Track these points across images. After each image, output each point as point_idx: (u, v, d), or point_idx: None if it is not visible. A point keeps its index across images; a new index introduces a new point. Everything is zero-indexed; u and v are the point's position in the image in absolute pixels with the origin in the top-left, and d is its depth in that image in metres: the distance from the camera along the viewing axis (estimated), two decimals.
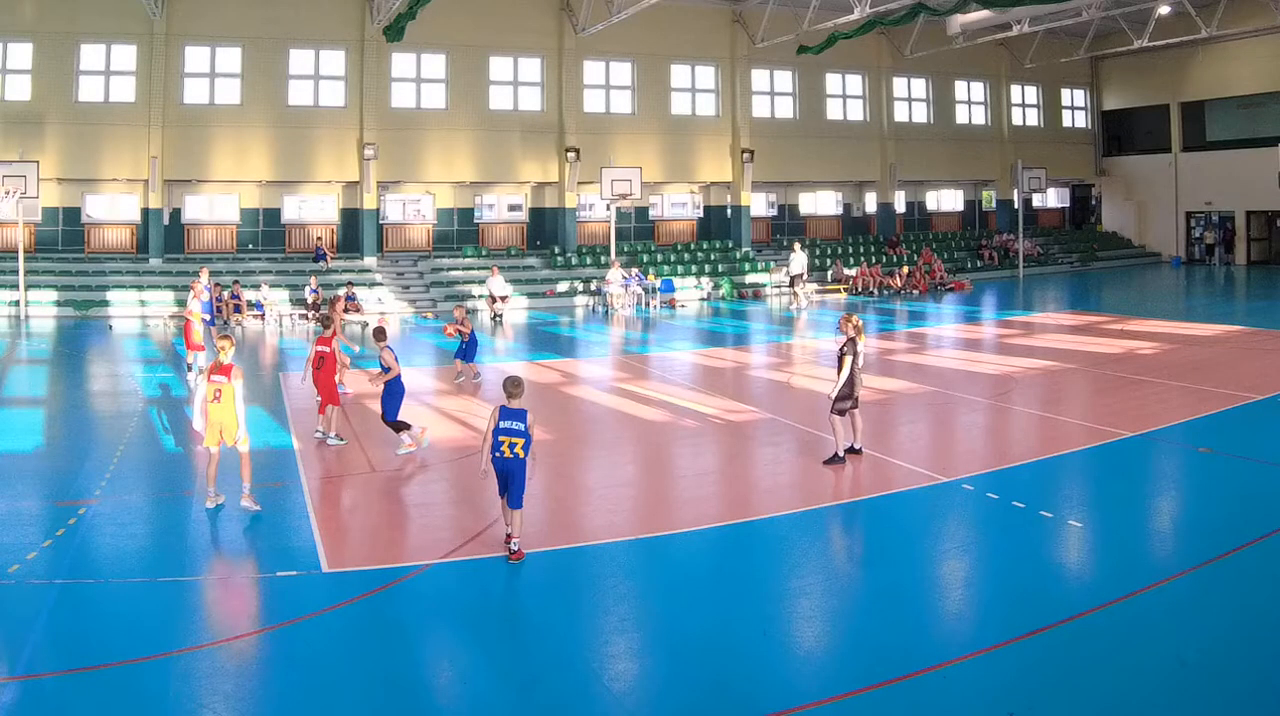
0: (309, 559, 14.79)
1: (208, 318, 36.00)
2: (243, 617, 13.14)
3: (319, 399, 22.55)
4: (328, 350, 21.91)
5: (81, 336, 40.42)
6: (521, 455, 14.87)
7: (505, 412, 15.00)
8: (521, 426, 14.91)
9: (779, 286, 58.71)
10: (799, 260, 53.25)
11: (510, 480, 14.89)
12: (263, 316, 47.64)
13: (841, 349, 19.71)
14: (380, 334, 22.18)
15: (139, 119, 51.62)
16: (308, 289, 48.25)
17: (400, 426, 21.39)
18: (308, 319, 46.80)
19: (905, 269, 59.76)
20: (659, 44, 60.13)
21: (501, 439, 14.85)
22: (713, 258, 61.62)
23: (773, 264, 60.89)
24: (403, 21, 48.90)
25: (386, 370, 21.25)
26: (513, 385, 15.30)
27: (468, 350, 29.53)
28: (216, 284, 46.60)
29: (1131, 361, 32.17)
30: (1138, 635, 12.14)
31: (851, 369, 19.53)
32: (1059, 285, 61.42)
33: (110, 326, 44.62)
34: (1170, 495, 18.93)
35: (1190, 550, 15.30)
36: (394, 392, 21.54)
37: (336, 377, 22.28)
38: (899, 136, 67.65)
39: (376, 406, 22.34)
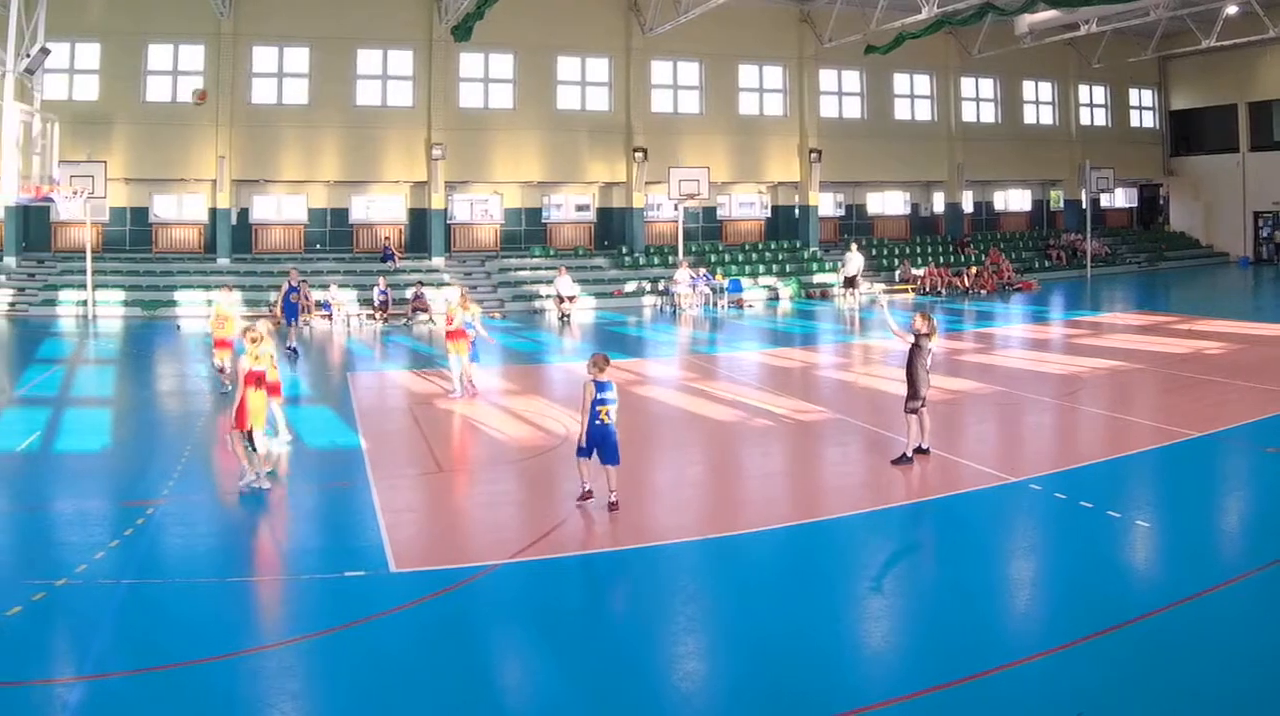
0: (376, 559, 14.32)
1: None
2: (310, 618, 12.63)
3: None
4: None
5: (149, 336, 38.74)
6: (614, 421, 16.54)
7: (600, 386, 16.55)
8: (614, 395, 16.70)
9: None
10: (855, 261, 50.68)
11: (606, 442, 16.42)
12: (330, 316, 45.34)
13: (916, 342, 19.12)
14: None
15: (206, 119, 49.69)
16: (376, 290, 46.11)
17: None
18: (375, 319, 45.05)
19: (973, 269, 57.00)
20: (726, 44, 57.19)
21: (599, 408, 16.41)
22: (780, 258, 58.92)
23: (839, 264, 57.49)
24: (471, 21, 47.21)
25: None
26: (604, 361, 16.98)
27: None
28: (285, 284, 44.11)
29: (1199, 361, 31.13)
30: (1206, 635, 11.69)
31: (919, 367, 18.96)
32: (1126, 285, 58.98)
33: (178, 327, 43.08)
34: (1238, 495, 18.45)
35: (1258, 550, 14.71)
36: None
37: None
38: (967, 136, 64.30)
39: (452, 406, 23.62)
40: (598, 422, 16.42)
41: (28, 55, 34.68)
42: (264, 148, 51.07)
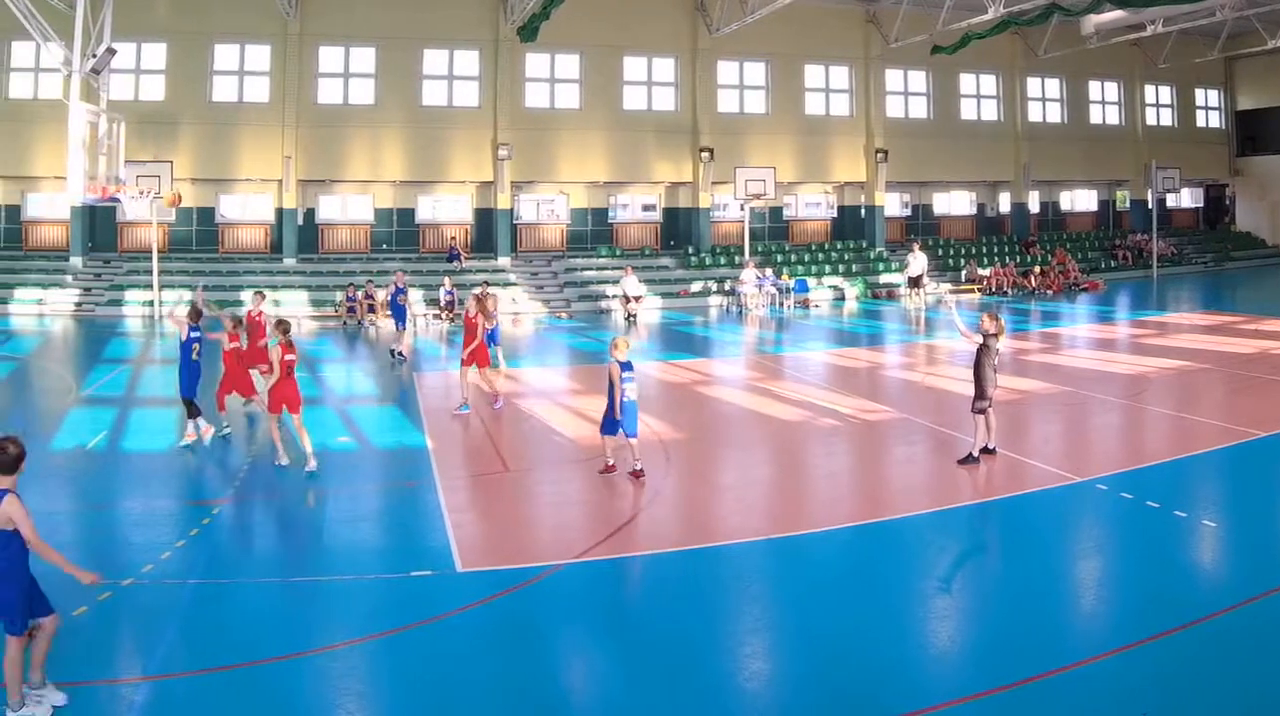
0: (443, 558, 13.94)
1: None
2: (376, 618, 12.13)
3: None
4: (294, 359, 19.01)
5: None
6: (635, 397, 17.51)
7: (624, 366, 17.37)
8: (632, 373, 17.57)
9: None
10: (919, 261, 48.21)
11: (629, 416, 17.28)
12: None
13: (984, 343, 18.41)
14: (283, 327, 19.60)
15: (273, 119, 48.15)
16: (442, 289, 43.86)
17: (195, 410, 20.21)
18: (441, 319, 43.09)
19: (1039, 269, 54.48)
20: (793, 44, 54.54)
21: (627, 387, 17.24)
22: (846, 258, 56.14)
23: (904, 264, 54.73)
24: (536, 22, 45.40)
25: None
26: (625, 343, 17.80)
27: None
28: (350, 285, 43.45)
29: (1265, 361, 30.06)
30: (1272, 635, 11.29)
31: (987, 368, 18.31)
32: (1193, 285, 56.16)
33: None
34: None
35: None
36: (194, 370, 20.41)
37: None
38: (1033, 136, 61.08)
39: (506, 406, 23.42)
40: (625, 399, 17.23)
41: (94, 55, 33.52)
42: (330, 148, 49.33)
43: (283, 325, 19.25)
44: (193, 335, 20.29)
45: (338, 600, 12.79)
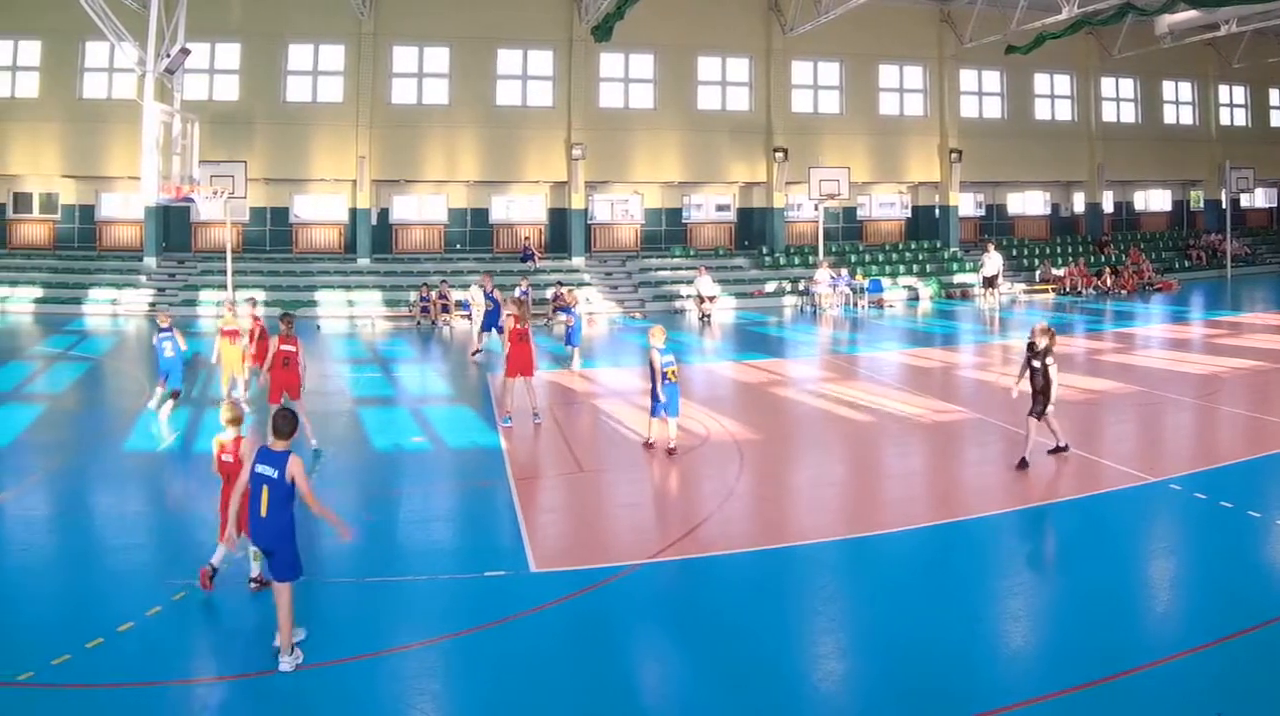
0: (517, 559, 13.56)
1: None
2: (450, 618, 11.74)
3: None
4: (292, 350, 19.14)
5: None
6: (678, 379, 18.53)
7: (663, 351, 18.21)
8: (672, 357, 18.40)
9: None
10: (993, 261, 45.62)
11: (673, 397, 18.25)
12: (469, 316, 40.24)
13: (1044, 362, 17.74)
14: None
15: (347, 119, 46.00)
16: (518, 290, 40.41)
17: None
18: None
19: (1113, 269, 51.40)
20: (867, 44, 51.45)
21: (667, 370, 18.11)
22: (920, 258, 52.96)
23: (978, 264, 51.71)
24: (611, 22, 43.59)
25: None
26: (663, 332, 18.65)
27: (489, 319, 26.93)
28: (424, 285, 41.30)
29: None
30: None
31: (1047, 374, 17.71)
32: (1267, 285, 53.18)
33: (318, 327, 39.56)
34: None
35: None
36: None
37: None
38: (1107, 136, 57.40)
39: (581, 406, 23.51)
40: (668, 381, 18.10)
41: (168, 55, 31.39)
42: (404, 148, 47.07)
43: (286, 318, 19.53)
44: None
45: (412, 600, 12.36)
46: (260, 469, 10.55)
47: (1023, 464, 17.42)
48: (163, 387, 21.75)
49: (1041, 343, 17.59)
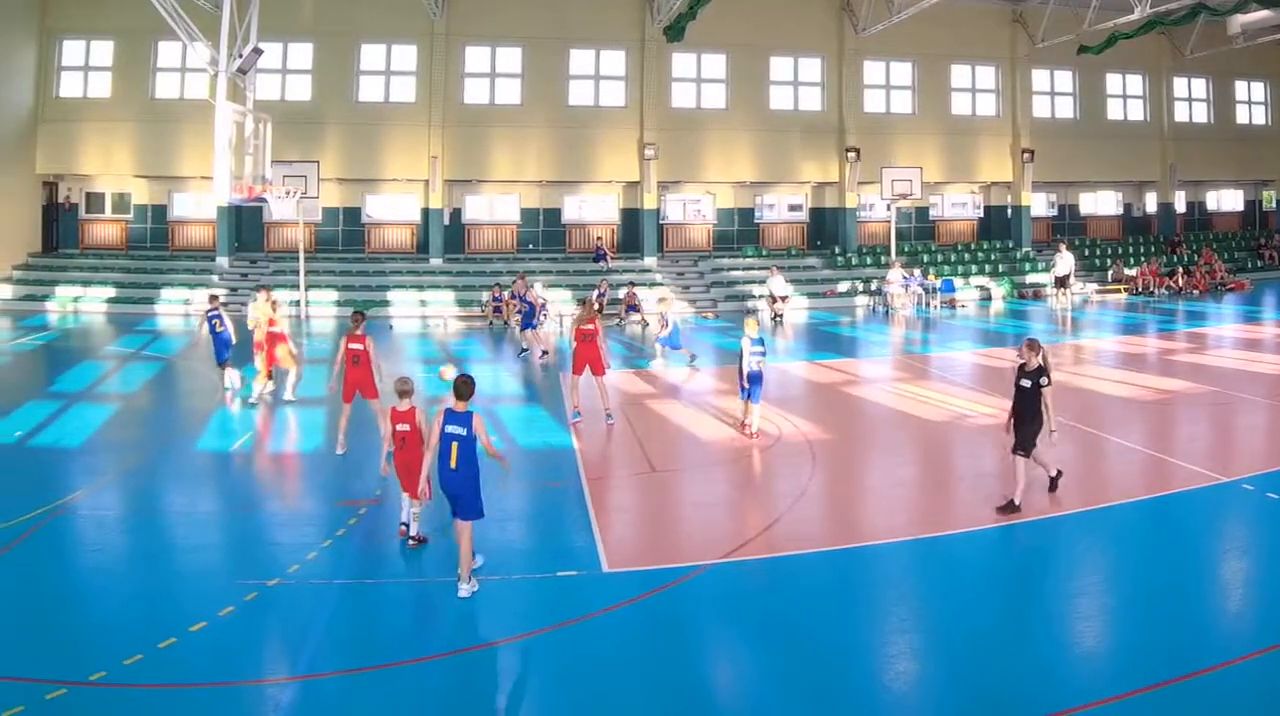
0: (589, 559, 12.92)
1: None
2: (523, 617, 11.22)
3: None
4: (360, 348, 18.53)
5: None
6: (764, 367, 18.94)
7: (754, 342, 18.65)
8: (762, 348, 18.92)
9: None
10: (1066, 261, 42.95)
11: (757, 384, 18.73)
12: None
13: (1036, 382, 14.89)
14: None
15: (419, 119, 43.76)
16: (594, 293, 39.12)
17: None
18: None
19: (1185, 269, 48.57)
20: (939, 44, 48.52)
21: (754, 359, 18.55)
22: (993, 258, 49.94)
23: (1051, 264, 48.83)
24: (683, 21, 40.93)
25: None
26: (756, 323, 19.41)
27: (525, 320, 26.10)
28: (496, 285, 39.46)
29: None
30: None
31: (1038, 398, 14.97)
32: None
33: (391, 326, 37.55)
34: None
35: None
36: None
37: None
38: (1179, 136, 54.05)
39: (658, 407, 22.64)
40: (754, 368, 18.42)
41: (240, 55, 30.72)
42: (476, 148, 44.81)
43: (357, 315, 19.29)
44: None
45: (484, 600, 11.77)
46: (449, 428, 11.71)
47: (1010, 507, 14.76)
48: (230, 367, 22.82)
49: (1033, 361, 14.99)
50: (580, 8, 45.18)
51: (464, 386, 11.90)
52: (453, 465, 11.69)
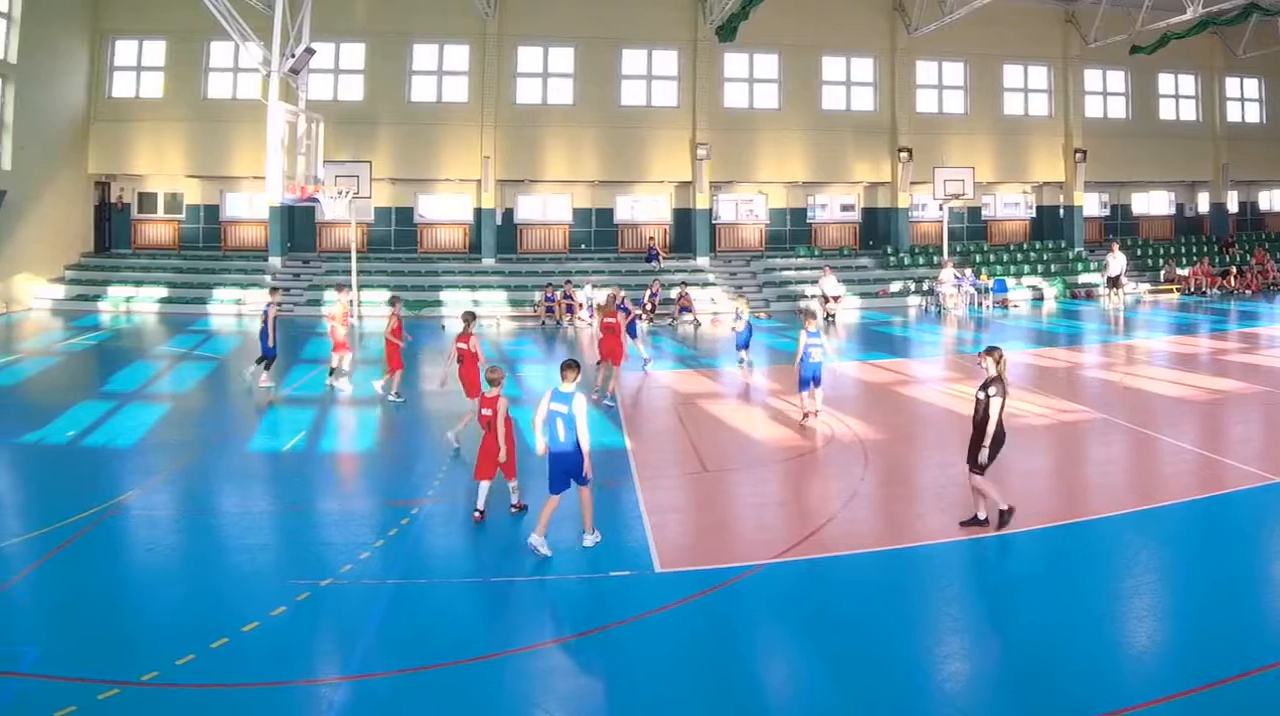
0: (642, 559, 12.36)
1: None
2: (575, 618, 10.88)
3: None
4: (466, 347, 18.96)
5: (414, 337, 31.63)
6: (821, 358, 19.13)
7: (810, 334, 19.01)
8: (819, 339, 19.26)
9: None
10: (1118, 261, 41.53)
11: (817, 373, 19.05)
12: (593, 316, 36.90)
13: (986, 393, 13.12)
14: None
15: (472, 119, 42.25)
16: (647, 293, 37.92)
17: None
18: (642, 319, 36.02)
19: (1237, 269, 46.71)
20: (991, 44, 46.66)
21: (811, 350, 18.90)
22: (1045, 258, 48.03)
23: (1103, 264, 46.56)
24: (735, 22, 39.58)
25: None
26: (812, 316, 19.64)
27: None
28: (549, 284, 38.81)
29: None
30: None
31: (987, 410, 13.12)
32: None
33: (443, 326, 35.83)
34: None
35: None
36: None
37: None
38: (1231, 136, 51.73)
39: (711, 407, 21.85)
40: (812, 360, 18.78)
41: (292, 55, 29.68)
42: (528, 148, 43.28)
43: (466, 316, 19.83)
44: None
45: (536, 600, 11.47)
46: (554, 407, 12.34)
47: (974, 521, 13.41)
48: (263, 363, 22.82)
49: (993, 370, 13.24)
50: (632, 8, 43.64)
51: (569, 369, 12.57)
52: (560, 438, 12.27)
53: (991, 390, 13.06)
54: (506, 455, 13.43)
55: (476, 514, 13.51)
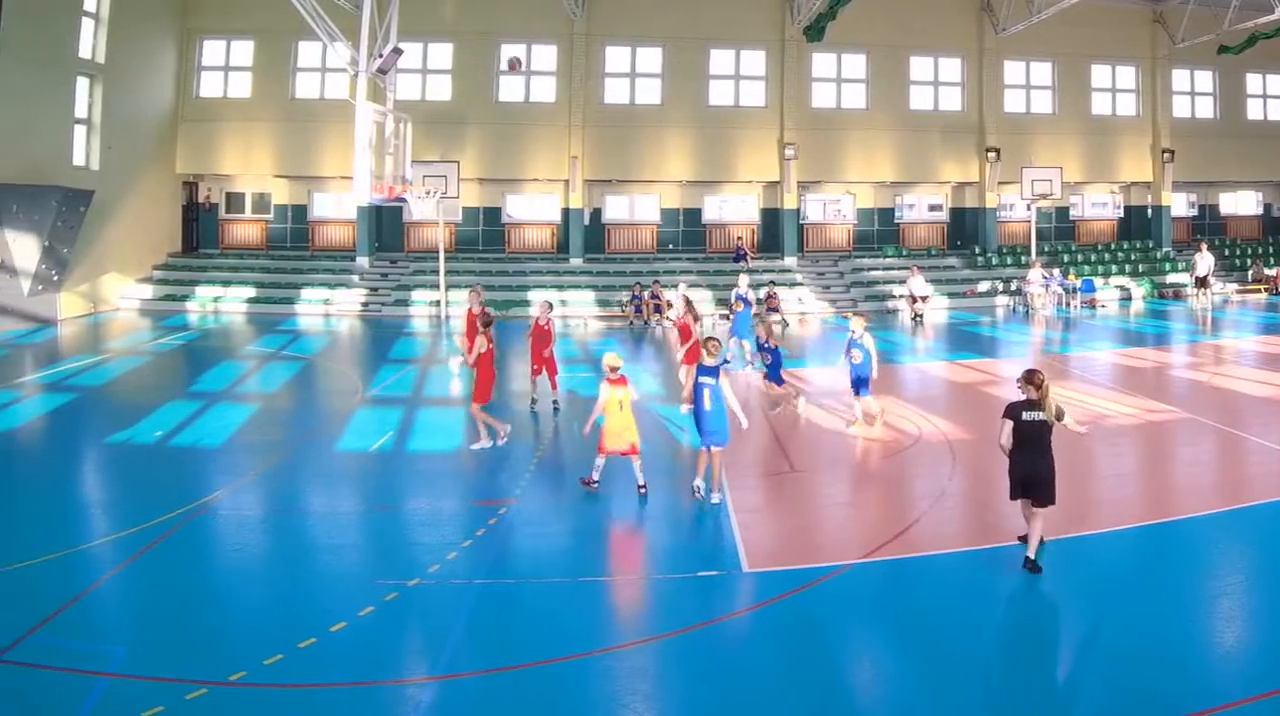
0: (730, 558, 11.69)
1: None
2: (663, 617, 10.28)
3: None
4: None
5: (501, 337, 30.10)
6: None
7: (854, 336, 17.62)
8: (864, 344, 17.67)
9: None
10: (1205, 261, 39.25)
11: (856, 378, 17.67)
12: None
13: (1033, 413, 10.93)
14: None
15: (559, 119, 39.91)
16: (734, 291, 34.91)
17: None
18: (728, 318, 33.87)
19: None
20: (1078, 43, 43.75)
21: (854, 350, 17.56)
22: (1133, 258, 45.09)
23: (1190, 264, 43.37)
24: (823, 22, 37.32)
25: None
26: (860, 320, 18.08)
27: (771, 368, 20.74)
28: (637, 284, 36.82)
29: None
30: None
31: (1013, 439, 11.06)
32: None
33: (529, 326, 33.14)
34: None
35: None
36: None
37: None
38: None
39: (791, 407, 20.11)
40: (854, 362, 17.78)
41: (380, 56, 27.60)
42: (616, 148, 40.86)
43: (544, 304, 20.52)
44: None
45: (624, 600, 10.87)
46: (703, 380, 13.29)
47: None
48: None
49: (1031, 393, 11.18)
50: (720, 8, 41.16)
51: (713, 344, 13.62)
52: (706, 406, 13.16)
53: (1032, 414, 11.10)
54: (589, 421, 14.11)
55: (593, 485, 13.96)
